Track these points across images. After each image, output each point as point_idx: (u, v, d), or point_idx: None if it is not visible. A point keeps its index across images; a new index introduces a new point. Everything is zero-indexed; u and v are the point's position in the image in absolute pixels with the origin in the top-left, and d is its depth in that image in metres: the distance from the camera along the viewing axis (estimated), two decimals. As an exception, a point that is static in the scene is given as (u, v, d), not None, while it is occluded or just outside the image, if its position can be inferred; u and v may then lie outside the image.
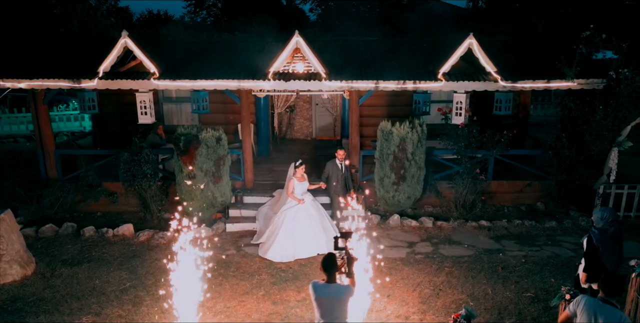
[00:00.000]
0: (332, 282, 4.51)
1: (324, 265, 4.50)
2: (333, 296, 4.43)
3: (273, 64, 9.72)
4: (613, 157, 9.36)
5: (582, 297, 4.30)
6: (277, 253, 8.32)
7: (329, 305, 4.44)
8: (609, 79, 9.20)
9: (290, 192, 8.63)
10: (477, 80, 9.62)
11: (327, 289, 4.46)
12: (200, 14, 35.11)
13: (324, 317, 4.45)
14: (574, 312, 4.30)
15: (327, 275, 4.50)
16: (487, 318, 6.47)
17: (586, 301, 4.22)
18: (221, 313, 6.70)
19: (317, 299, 4.46)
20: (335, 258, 4.59)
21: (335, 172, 9.25)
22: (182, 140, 9.13)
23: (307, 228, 8.50)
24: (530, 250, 8.58)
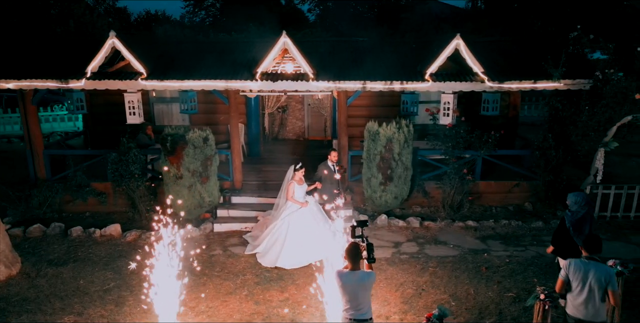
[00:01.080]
0: (357, 269, 4.77)
1: (350, 254, 4.77)
2: (358, 282, 4.71)
3: (261, 64, 9.75)
4: (599, 158, 9.38)
5: (569, 261, 4.90)
6: (288, 261, 7.99)
7: (354, 291, 4.72)
8: (595, 79, 9.23)
9: (291, 196, 8.32)
10: (464, 80, 9.65)
11: (352, 276, 4.73)
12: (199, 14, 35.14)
13: (350, 302, 4.75)
14: (566, 275, 4.90)
15: (352, 263, 4.77)
16: (468, 318, 6.49)
17: (574, 263, 4.86)
18: (203, 313, 6.72)
19: (343, 286, 4.73)
20: (360, 247, 4.85)
21: (328, 174, 9.10)
22: (169, 141, 9.16)
23: (316, 231, 8.29)
24: (515, 250, 8.60)
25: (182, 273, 7.79)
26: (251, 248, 8.67)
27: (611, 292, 4.73)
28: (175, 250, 6.09)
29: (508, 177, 10.82)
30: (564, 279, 4.92)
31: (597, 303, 4.79)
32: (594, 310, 4.82)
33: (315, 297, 6.48)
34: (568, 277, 4.88)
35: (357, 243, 4.93)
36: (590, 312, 4.83)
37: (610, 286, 4.72)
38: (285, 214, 8.37)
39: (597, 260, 4.83)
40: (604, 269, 4.77)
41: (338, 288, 4.81)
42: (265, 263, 8.14)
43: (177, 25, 29.31)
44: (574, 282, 4.85)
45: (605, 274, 4.73)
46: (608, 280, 4.71)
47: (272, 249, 8.24)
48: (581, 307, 4.87)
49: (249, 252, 8.58)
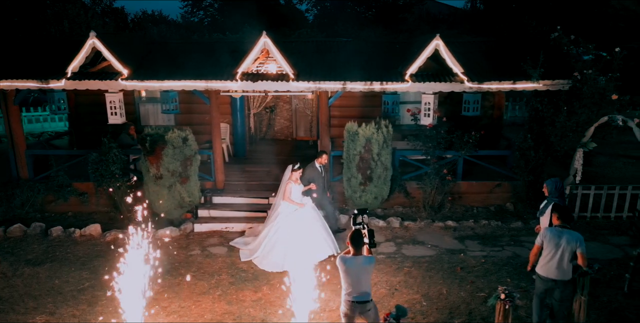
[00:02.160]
0: (359, 255, 5.13)
1: (353, 240, 5.13)
2: (361, 266, 5.08)
3: (241, 64, 9.76)
4: (578, 158, 9.40)
5: (545, 229, 5.76)
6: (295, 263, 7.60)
7: (357, 275, 5.08)
8: (574, 80, 9.25)
9: (288, 197, 8.22)
10: (443, 81, 9.67)
11: (355, 261, 5.10)
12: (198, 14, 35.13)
13: (353, 286, 5.12)
14: (541, 242, 5.72)
15: (355, 248, 5.14)
16: (437, 317, 6.51)
17: (549, 231, 5.68)
18: (175, 313, 6.74)
19: (347, 270, 5.08)
20: (361, 234, 5.20)
21: (317, 176, 8.96)
22: (148, 141, 9.17)
23: (318, 229, 8.30)
24: (492, 250, 8.62)
25: (157, 273, 7.89)
26: (248, 254, 8.43)
27: (580, 254, 5.50)
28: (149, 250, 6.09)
29: (491, 178, 10.84)
30: (540, 245, 5.73)
31: (565, 264, 5.55)
32: (563, 271, 5.60)
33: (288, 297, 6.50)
34: (543, 243, 5.68)
35: (359, 230, 5.25)
36: (560, 272, 5.60)
37: (579, 249, 5.50)
38: (283, 216, 8.24)
39: (568, 228, 5.62)
40: (575, 235, 5.57)
41: (341, 272, 5.14)
42: (269, 268, 7.95)
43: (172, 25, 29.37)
44: (548, 247, 5.62)
45: (575, 239, 5.53)
46: (578, 244, 5.50)
47: (273, 252, 8.07)
48: (553, 268, 5.62)
49: (246, 259, 8.31)
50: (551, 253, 5.60)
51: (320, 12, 34.60)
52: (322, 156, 9.04)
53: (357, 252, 5.16)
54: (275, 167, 11.85)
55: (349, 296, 5.16)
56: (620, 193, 9.87)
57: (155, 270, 7.86)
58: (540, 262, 5.76)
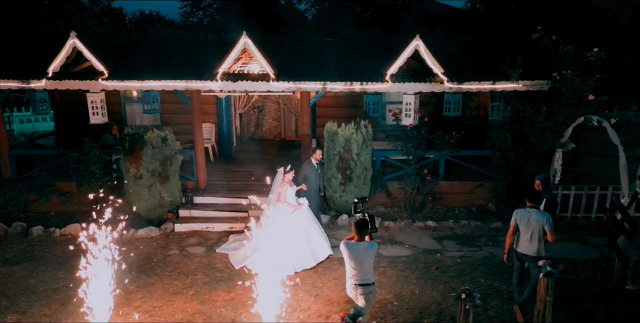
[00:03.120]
0: (362, 241, 5.45)
1: (358, 227, 5.42)
2: (364, 251, 5.40)
3: (222, 64, 9.78)
4: (557, 158, 9.40)
5: (516, 210, 6.33)
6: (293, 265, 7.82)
7: (361, 259, 5.39)
8: (553, 80, 9.25)
9: (284, 199, 8.09)
10: (423, 81, 9.68)
11: (359, 246, 5.42)
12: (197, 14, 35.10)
13: (356, 269, 5.41)
14: (515, 221, 6.27)
15: (359, 235, 5.44)
16: (407, 317, 6.51)
17: (519, 211, 6.29)
18: (146, 312, 6.74)
19: (351, 255, 5.39)
20: (366, 221, 5.51)
21: (313, 173, 8.95)
22: (127, 141, 9.19)
23: (316, 230, 8.27)
24: (469, 250, 8.63)
25: (132, 273, 7.92)
26: (240, 259, 8.22)
27: (547, 230, 6.02)
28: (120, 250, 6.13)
29: (473, 178, 10.84)
30: (514, 225, 6.28)
31: (536, 241, 6.12)
32: (535, 247, 6.16)
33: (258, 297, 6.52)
34: (517, 223, 6.23)
35: (364, 217, 5.61)
36: (532, 248, 6.17)
37: (546, 226, 6.02)
38: (280, 219, 8.06)
39: (537, 208, 6.23)
40: (542, 213, 6.13)
41: (346, 257, 5.44)
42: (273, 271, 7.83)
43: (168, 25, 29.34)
44: (521, 225, 6.22)
45: (542, 217, 6.08)
46: (544, 222, 6.03)
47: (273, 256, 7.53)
48: (526, 244, 6.21)
49: (240, 264, 8.07)
50: (523, 231, 6.20)
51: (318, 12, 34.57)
52: (317, 152, 8.97)
53: (361, 238, 5.47)
54: (259, 167, 11.88)
55: (353, 279, 5.46)
56: (601, 194, 9.87)
57: (129, 270, 7.95)
58: (516, 241, 6.35)
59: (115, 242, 8.71)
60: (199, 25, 31.96)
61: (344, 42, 12.35)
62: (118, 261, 7.57)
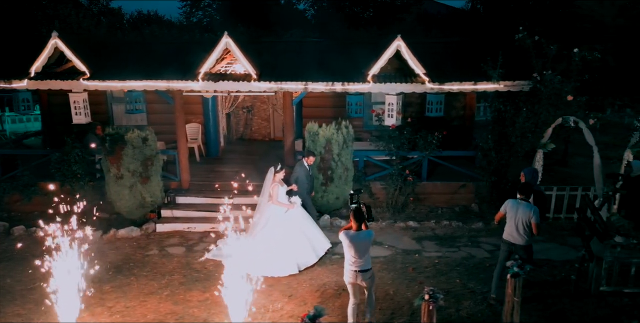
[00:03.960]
0: (360, 230, 5.77)
1: (356, 217, 5.76)
2: (363, 240, 5.75)
3: (203, 64, 9.78)
4: (538, 159, 9.38)
5: (507, 200, 6.64)
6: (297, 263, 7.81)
7: (360, 247, 5.74)
8: (534, 81, 9.24)
9: (276, 199, 8.02)
10: (405, 82, 9.67)
11: (358, 235, 5.76)
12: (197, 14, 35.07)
13: (356, 257, 5.76)
14: (504, 209, 6.62)
15: (357, 224, 5.77)
16: (378, 318, 6.51)
17: (511, 201, 6.59)
18: (119, 313, 6.74)
19: (351, 244, 5.70)
20: (362, 211, 5.87)
21: (305, 174, 8.90)
22: (108, 141, 9.19)
23: (312, 225, 8.30)
24: (448, 250, 8.62)
25: (110, 273, 7.93)
26: None
27: (533, 224, 6.31)
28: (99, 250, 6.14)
29: (457, 178, 10.82)
30: (503, 212, 6.64)
31: (521, 231, 6.41)
32: (520, 236, 6.44)
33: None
34: (505, 211, 6.59)
35: (360, 207, 5.89)
36: (518, 237, 6.47)
37: (533, 219, 6.29)
38: (275, 219, 8.01)
39: (527, 201, 6.46)
40: (529, 206, 6.39)
41: (346, 246, 5.76)
42: (277, 273, 7.66)
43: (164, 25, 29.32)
44: (509, 215, 6.53)
45: (529, 210, 6.34)
46: (532, 214, 6.30)
47: (277, 257, 7.79)
48: (514, 233, 6.49)
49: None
50: (510, 220, 6.52)
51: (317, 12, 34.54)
52: (310, 157, 8.93)
53: (359, 227, 5.78)
54: (245, 168, 11.86)
55: (353, 266, 5.79)
56: (583, 195, 9.84)
57: (106, 270, 7.96)
58: (505, 229, 6.68)
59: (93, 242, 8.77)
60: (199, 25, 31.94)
61: (330, 42, 12.35)
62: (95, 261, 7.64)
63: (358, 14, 31.65)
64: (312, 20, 33.34)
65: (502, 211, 6.66)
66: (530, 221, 6.31)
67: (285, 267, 7.77)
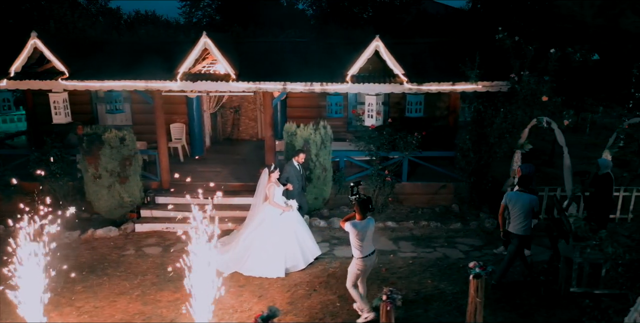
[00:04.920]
0: (365, 219, 6.14)
1: (361, 207, 6.10)
2: (369, 228, 6.20)
3: (182, 65, 9.78)
4: (516, 159, 9.36)
5: (507, 193, 7.17)
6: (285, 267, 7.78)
7: (367, 234, 6.17)
8: (512, 81, 9.23)
9: (272, 200, 7.92)
10: (383, 82, 9.66)
11: (364, 224, 6.15)
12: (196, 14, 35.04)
13: (363, 244, 6.16)
14: (506, 201, 7.05)
15: (362, 214, 6.13)
16: (345, 318, 6.51)
17: (510, 194, 7.10)
18: (87, 313, 6.75)
19: (360, 233, 6.09)
20: (368, 201, 6.17)
21: (295, 174, 8.84)
22: (85, 141, 9.20)
23: (305, 229, 8.25)
24: (424, 251, 8.62)
25: (83, 273, 7.94)
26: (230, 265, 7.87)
27: (535, 212, 6.85)
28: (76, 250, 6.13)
29: (438, 179, 10.81)
30: (505, 204, 7.06)
31: (522, 220, 6.86)
32: (520, 226, 6.90)
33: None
34: (507, 202, 7.00)
35: (364, 198, 6.18)
36: (517, 227, 6.92)
37: (535, 207, 6.85)
38: (270, 221, 7.93)
39: (526, 192, 6.91)
40: (529, 197, 6.88)
41: (354, 235, 6.10)
42: (270, 274, 7.67)
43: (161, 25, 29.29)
44: (510, 206, 6.95)
45: (529, 200, 6.84)
46: (532, 204, 6.84)
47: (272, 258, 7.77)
48: (515, 223, 6.90)
49: (229, 271, 7.72)
50: (513, 211, 6.91)
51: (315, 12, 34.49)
52: (300, 155, 8.86)
53: (364, 217, 6.13)
54: (228, 168, 11.90)
55: (362, 253, 6.19)
56: (562, 195, 9.83)
57: (80, 270, 7.96)
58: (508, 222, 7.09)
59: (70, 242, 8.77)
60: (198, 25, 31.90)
61: (314, 42, 12.33)
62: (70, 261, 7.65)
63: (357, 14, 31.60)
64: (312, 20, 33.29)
65: (504, 203, 7.04)
66: (530, 211, 6.77)
67: (274, 269, 7.72)
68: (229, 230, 9.74)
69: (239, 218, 9.97)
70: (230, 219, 9.90)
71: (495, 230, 9.47)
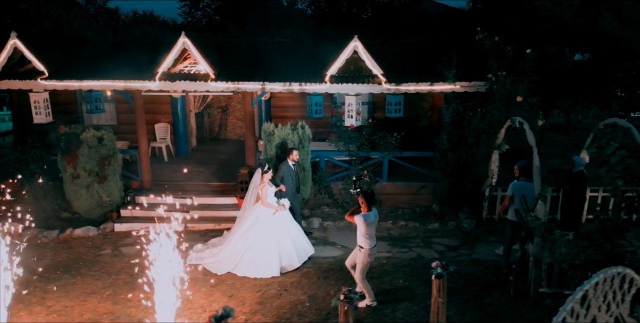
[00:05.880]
0: (370, 210, 6.43)
1: (368, 199, 6.39)
2: (376, 219, 6.55)
3: (161, 64, 9.81)
4: (494, 160, 9.37)
5: (512, 183, 7.39)
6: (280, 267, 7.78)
7: (374, 226, 6.49)
8: (489, 81, 9.24)
9: (265, 200, 7.92)
10: (361, 82, 9.67)
11: (371, 215, 6.43)
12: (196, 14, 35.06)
13: (371, 235, 6.47)
14: (511, 192, 7.31)
15: (368, 206, 6.41)
16: (313, 318, 6.52)
17: (515, 184, 7.35)
18: (56, 312, 6.76)
19: (369, 224, 6.37)
20: (374, 193, 6.51)
21: (290, 174, 8.82)
22: (63, 140, 9.23)
23: (298, 228, 8.29)
24: (399, 251, 8.63)
25: (57, 272, 7.96)
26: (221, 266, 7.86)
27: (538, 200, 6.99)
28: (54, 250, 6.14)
29: (419, 179, 10.81)
30: (509, 194, 7.32)
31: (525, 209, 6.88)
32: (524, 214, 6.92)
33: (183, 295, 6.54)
34: (512, 192, 7.27)
35: (373, 191, 6.56)
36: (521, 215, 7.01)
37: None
38: (263, 221, 7.91)
39: (529, 181, 7.20)
40: (532, 186, 7.10)
41: (365, 227, 6.36)
42: (264, 273, 7.67)
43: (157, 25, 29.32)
44: (517, 195, 7.14)
45: (534, 188, 7.02)
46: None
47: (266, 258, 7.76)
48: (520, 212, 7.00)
49: (222, 272, 7.75)
50: (516, 200, 7.10)
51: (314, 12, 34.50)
52: (293, 152, 8.81)
53: (370, 208, 6.39)
54: (210, 168, 11.92)
55: (371, 244, 6.48)
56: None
57: (54, 269, 7.99)
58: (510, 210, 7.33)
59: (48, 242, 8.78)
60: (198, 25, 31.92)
61: (296, 43, 12.35)
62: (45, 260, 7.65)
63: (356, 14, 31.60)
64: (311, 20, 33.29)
65: (509, 193, 7.28)
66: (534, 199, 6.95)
67: (269, 269, 7.71)
68: (209, 229, 9.79)
69: (218, 218, 10.04)
70: (209, 219, 9.95)
71: (472, 231, 9.51)
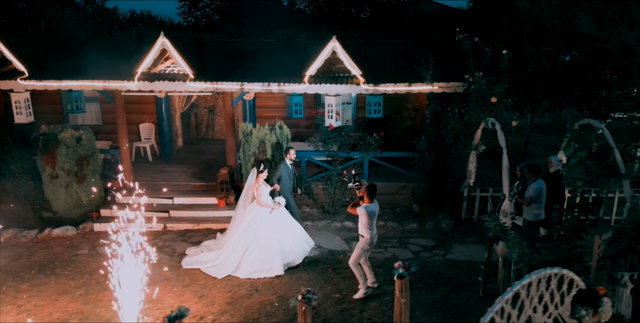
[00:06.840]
0: (372, 202, 6.74)
1: (371, 192, 6.69)
2: (376, 210, 6.83)
3: (140, 64, 9.82)
4: (472, 160, 9.39)
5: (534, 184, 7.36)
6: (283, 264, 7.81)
7: (375, 215, 6.81)
8: (467, 82, 9.25)
9: (260, 200, 7.92)
10: (340, 82, 9.69)
11: (373, 207, 6.77)
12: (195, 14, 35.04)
13: (373, 225, 6.81)
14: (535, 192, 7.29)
15: (370, 197, 6.71)
16: (280, 318, 6.54)
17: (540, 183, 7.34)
18: (26, 311, 6.79)
19: (370, 215, 6.70)
20: (375, 185, 6.76)
21: (287, 173, 8.83)
22: (41, 140, 9.25)
23: (296, 224, 8.42)
24: (374, 251, 8.62)
25: (31, 272, 7.98)
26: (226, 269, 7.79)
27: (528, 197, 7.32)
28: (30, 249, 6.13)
29: (400, 179, 10.82)
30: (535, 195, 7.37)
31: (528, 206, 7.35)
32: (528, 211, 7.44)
33: (150, 296, 6.57)
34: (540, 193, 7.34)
35: (373, 184, 6.74)
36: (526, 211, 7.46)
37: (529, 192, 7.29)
38: (260, 220, 7.92)
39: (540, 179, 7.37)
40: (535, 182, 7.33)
41: (366, 218, 6.68)
42: (269, 273, 7.67)
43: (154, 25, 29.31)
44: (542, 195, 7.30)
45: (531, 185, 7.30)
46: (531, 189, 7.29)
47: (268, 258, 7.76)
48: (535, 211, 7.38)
49: (223, 275, 7.71)
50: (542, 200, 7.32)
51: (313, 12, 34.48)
52: (290, 151, 8.82)
53: (371, 200, 6.70)
54: (194, 168, 11.95)
55: (371, 233, 6.83)
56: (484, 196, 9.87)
57: (29, 269, 8.01)
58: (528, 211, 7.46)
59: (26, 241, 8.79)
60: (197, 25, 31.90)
61: (279, 44, 12.33)
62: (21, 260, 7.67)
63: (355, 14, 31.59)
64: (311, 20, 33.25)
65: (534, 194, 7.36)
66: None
67: (271, 267, 7.73)
68: (188, 229, 9.81)
69: (197, 218, 10.05)
70: (188, 219, 9.98)
71: (449, 231, 9.51)
